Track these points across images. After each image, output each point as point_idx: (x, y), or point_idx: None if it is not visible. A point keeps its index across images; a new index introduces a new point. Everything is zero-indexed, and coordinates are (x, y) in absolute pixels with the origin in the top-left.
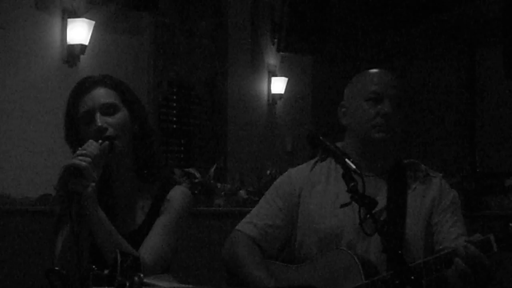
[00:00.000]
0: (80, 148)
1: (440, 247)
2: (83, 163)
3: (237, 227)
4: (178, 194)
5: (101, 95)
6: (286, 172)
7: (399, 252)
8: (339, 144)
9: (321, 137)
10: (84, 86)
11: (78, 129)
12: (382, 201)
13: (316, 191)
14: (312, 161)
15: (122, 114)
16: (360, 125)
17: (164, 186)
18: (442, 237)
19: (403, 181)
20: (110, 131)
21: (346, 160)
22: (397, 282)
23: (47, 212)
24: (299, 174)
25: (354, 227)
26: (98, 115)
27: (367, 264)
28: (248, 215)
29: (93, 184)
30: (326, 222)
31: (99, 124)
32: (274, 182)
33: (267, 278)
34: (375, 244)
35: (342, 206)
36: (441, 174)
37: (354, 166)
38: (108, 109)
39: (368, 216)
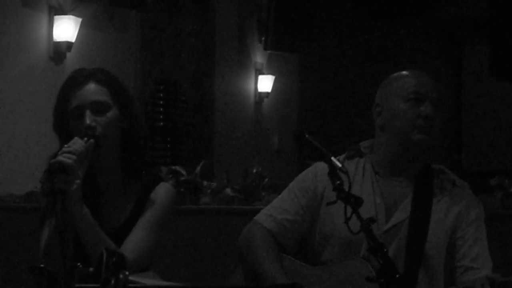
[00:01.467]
0: (65, 146)
1: (459, 264)
2: (69, 161)
3: (256, 218)
4: (162, 191)
5: (93, 91)
6: (312, 167)
7: (385, 250)
8: (368, 142)
9: (307, 135)
10: (76, 80)
11: (67, 122)
12: (405, 211)
13: None
14: (340, 158)
15: (111, 114)
16: (399, 126)
17: (149, 184)
18: (463, 253)
19: (429, 190)
20: (98, 130)
21: (332, 158)
22: (382, 280)
23: (33, 209)
24: (324, 170)
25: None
26: (87, 112)
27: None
28: (268, 207)
29: (78, 181)
30: (347, 228)
31: (88, 122)
32: (299, 175)
33: (279, 274)
34: (391, 257)
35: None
36: (467, 184)
37: (340, 164)
38: (99, 107)
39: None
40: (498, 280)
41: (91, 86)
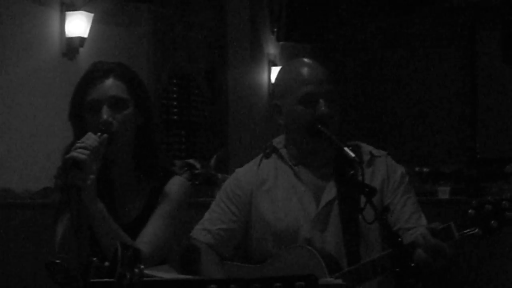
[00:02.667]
0: (79, 141)
1: (395, 228)
2: (82, 156)
3: (191, 234)
4: (175, 185)
5: (111, 87)
6: (234, 174)
7: (400, 239)
8: (280, 138)
9: (319, 126)
10: (96, 73)
11: (83, 113)
12: (331, 191)
13: (266, 189)
14: (258, 159)
15: (129, 111)
16: (299, 128)
17: (162, 177)
18: (396, 218)
19: (349, 166)
20: (115, 126)
21: (345, 148)
22: (397, 270)
23: (48, 205)
24: (247, 174)
25: (310, 223)
26: (105, 107)
27: (328, 258)
28: (201, 222)
29: (92, 176)
30: (281, 222)
31: (105, 117)
32: (223, 186)
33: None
34: (331, 237)
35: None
36: (385, 152)
37: (353, 155)
38: (117, 103)
39: (367, 204)
40: (438, 228)
41: (111, 81)
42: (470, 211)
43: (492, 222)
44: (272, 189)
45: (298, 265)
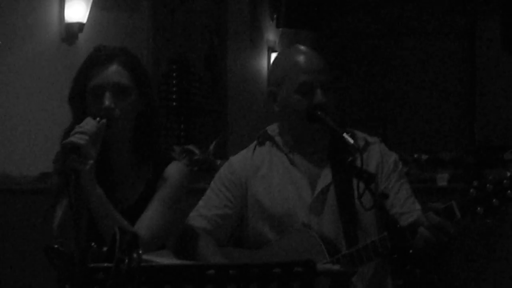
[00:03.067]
0: (78, 126)
1: (390, 213)
2: (81, 141)
3: (186, 221)
4: (174, 170)
5: (115, 73)
6: (228, 162)
7: (398, 225)
8: (274, 126)
9: (319, 112)
10: (99, 58)
11: (83, 97)
12: (327, 177)
13: (261, 175)
14: (251, 147)
15: (131, 98)
16: (293, 116)
17: (161, 163)
18: (391, 203)
19: (344, 152)
20: (117, 113)
21: (344, 135)
22: (395, 256)
23: (47, 190)
24: (242, 161)
25: (306, 207)
26: (108, 94)
27: (327, 241)
28: (196, 208)
29: (91, 161)
30: (278, 207)
31: (108, 104)
32: (218, 172)
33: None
34: (328, 221)
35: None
36: (379, 139)
37: (352, 141)
38: (120, 90)
39: (365, 190)
40: (440, 207)
41: (114, 68)
42: (471, 190)
43: (494, 200)
44: (268, 176)
45: (298, 249)
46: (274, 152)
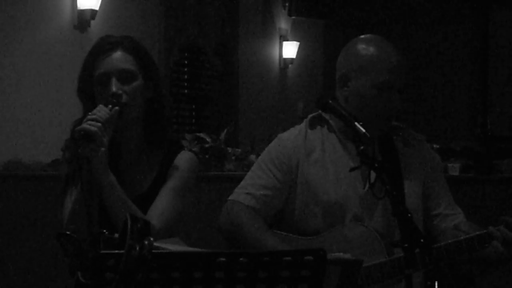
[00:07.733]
0: (90, 113)
1: (435, 212)
2: (94, 128)
3: (232, 198)
4: (184, 159)
5: (120, 59)
6: (279, 141)
7: (409, 214)
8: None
9: (331, 101)
10: (103, 47)
11: (91, 88)
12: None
13: (314, 160)
14: (302, 128)
15: (137, 83)
16: (365, 110)
17: (171, 151)
18: (436, 202)
19: (393, 147)
20: (124, 98)
21: (356, 124)
22: (406, 245)
23: (59, 177)
24: (294, 143)
25: (359, 198)
26: (114, 80)
27: (385, 240)
28: (242, 185)
29: (103, 149)
30: (331, 194)
31: (114, 90)
32: (268, 150)
33: (281, 246)
34: (380, 217)
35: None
36: (425, 137)
37: (364, 130)
38: (125, 75)
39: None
40: (510, 221)
41: (118, 54)
42: None
43: None
44: (320, 161)
45: (356, 244)
46: (328, 137)
